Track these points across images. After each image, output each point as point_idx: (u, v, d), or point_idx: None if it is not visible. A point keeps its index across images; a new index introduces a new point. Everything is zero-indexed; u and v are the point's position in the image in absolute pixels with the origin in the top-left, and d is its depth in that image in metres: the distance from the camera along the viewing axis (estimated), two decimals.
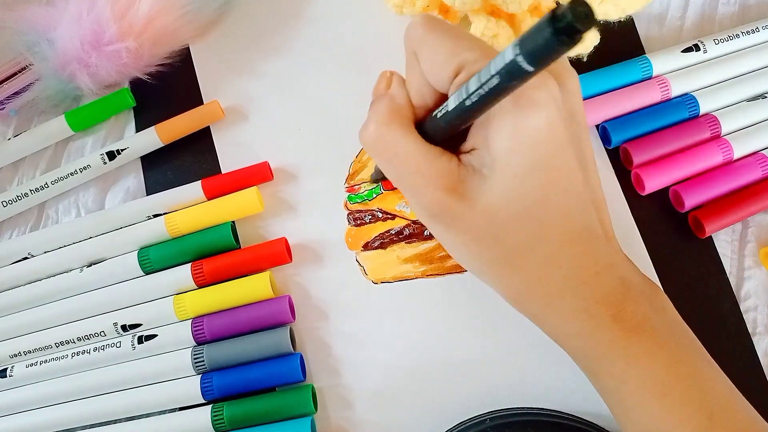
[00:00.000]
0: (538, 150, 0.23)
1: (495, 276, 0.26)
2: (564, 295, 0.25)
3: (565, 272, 0.25)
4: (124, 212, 0.36)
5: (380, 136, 0.25)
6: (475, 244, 0.25)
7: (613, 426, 0.31)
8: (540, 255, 0.25)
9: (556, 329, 0.26)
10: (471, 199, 0.24)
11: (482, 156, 0.24)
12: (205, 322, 0.33)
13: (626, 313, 0.24)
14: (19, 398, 0.34)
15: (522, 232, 0.24)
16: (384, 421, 0.33)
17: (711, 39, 0.36)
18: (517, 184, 0.23)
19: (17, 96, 0.38)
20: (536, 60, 0.18)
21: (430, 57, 0.24)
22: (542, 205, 0.24)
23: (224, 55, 0.39)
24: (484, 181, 0.24)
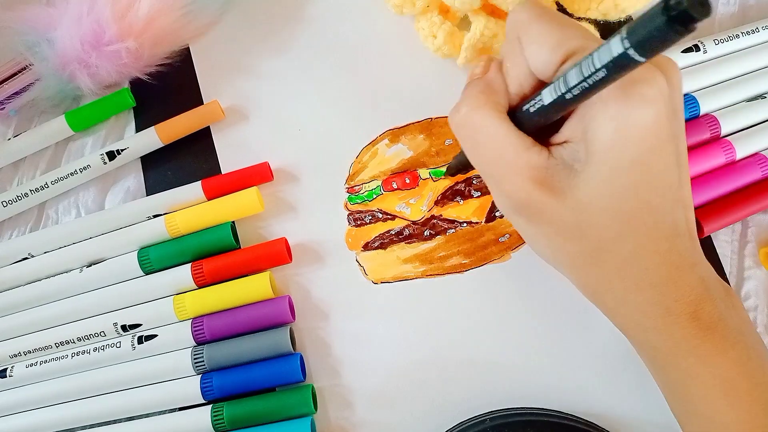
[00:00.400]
0: (641, 147, 0.22)
1: (575, 269, 0.26)
2: (644, 291, 0.25)
3: (648, 268, 0.24)
4: (124, 212, 0.36)
5: (471, 120, 0.25)
6: (559, 238, 0.25)
7: (613, 426, 0.31)
8: (625, 250, 0.24)
9: (631, 323, 0.26)
10: (560, 193, 0.24)
11: (576, 150, 0.24)
12: (205, 322, 0.33)
13: (704, 312, 0.24)
14: (19, 398, 0.34)
15: (610, 228, 0.24)
16: (384, 421, 0.33)
17: (711, 39, 0.36)
18: (613, 180, 0.23)
19: (17, 96, 0.38)
20: (647, 50, 0.18)
21: (537, 43, 0.24)
22: (634, 202, 0.23)
23: (224, 55, 0.39)
24: (576, 175, 0.23)
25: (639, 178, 0.23)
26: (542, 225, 0.25)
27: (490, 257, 0.35)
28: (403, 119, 0.37)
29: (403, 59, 0.38)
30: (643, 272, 0.24)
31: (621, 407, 0.32)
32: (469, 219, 0.35)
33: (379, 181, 0.36)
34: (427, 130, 0.37)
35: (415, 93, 0.38)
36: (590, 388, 0.32)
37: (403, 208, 0.36)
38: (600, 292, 0.26)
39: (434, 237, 0.35)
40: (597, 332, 0.33)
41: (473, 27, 0.35)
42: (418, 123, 0.37)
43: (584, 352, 0.33)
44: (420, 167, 0.36)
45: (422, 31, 0.37)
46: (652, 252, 0.24)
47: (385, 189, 0.36)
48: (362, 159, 0.37)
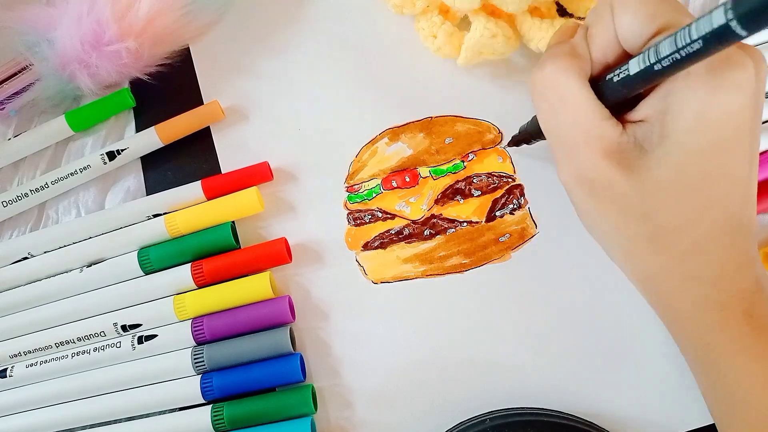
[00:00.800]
0: (722, 133, 0.22)
1: (631, 253, 0.25)
2: (702, 284, 0.24)
3: (710, 261, 0.24)
4: (124, 212, 0.36)
5: (554, 80, 0.24)
6: (620, 217, 0.24)
7: (613, 426, 0.31)
8: (688, 239, 0.24)
9: (682, 316, 0.25)
10: (629, 171, 0.23)
11: (651, 130, 0.23)
12: (205, 322, 0.33)
13: (758, 311, 0.24)
14: (19, 398, 0.34)
15: (676, 213, 0.23)
16: (384, 421, 0.33)
17: None
18: (688, 164, 0.22)
19: (17, 96, 0.38)
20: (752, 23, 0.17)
21: (632, 12, 0.23)
22: (705, 190, 0.23)
23: (224, 55, 0.39)
24: (649, 154, 0.23)
25: (712, 166, 0.23)
26: (604, 201, 0.24)
27: (490, 257, 0.35)
28: (403, 118, 0.37)
29: (403, 59, 0.38)
30: (705, 264, 0.24)
31: (621, 407, 0.32)
32: (470, 218, 0.35)
33: (378, 179, 0.36)
34: (427, 129, 0.37)
35: (415, 92, 0.38)
36: (590, 388, 0.32)
37: (403, 207, 0.36)
38: (655, 280, 0.25)
39: (434, 237, 0.35)
40: (597, 332, 0.33)
41: (473, 27, 0.35)
42: (417, 122, 0.37)
43: (584, 352, 0.33)
44: (420, 165, 0.36)
45: (422, 31, 0.37)
46: (716, 244, 0.24)
47: (384, 187, 0.36)
48: (362, 158, 0.37)
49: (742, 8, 0.17)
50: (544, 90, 0.25)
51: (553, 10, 0.36)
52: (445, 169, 0.36)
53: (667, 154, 0.23)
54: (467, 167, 0.36)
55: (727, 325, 0.24)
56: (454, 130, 0.37)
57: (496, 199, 0.35)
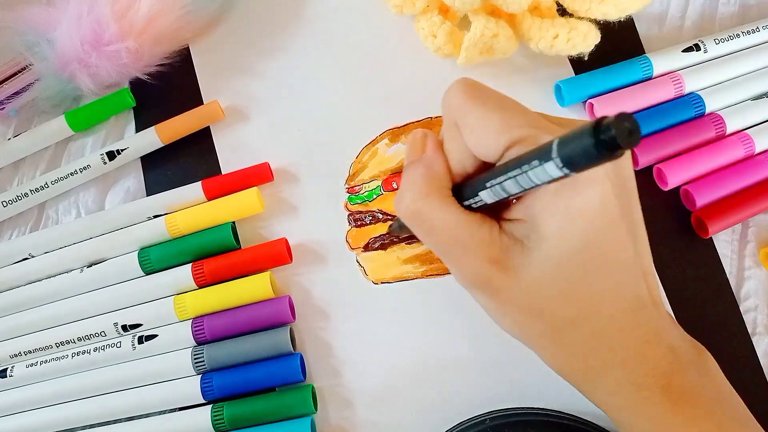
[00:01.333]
0: (591, 228, 0.22)
1: (540, 347, 0.26)
2: (611, 369, 0.24)
3: (612, 345, 0.24)
4: (124, 212, 0.36)
5: (417, 209, 0.24)
6: (521, 316, 0.25)
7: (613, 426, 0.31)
8: (586, 330, 0.24)
9: (603, 402, 0.25)
10: (514, 272, 0.23)
11: (527, 229, 0.23)
12: (205, 322, 0.33)
13: (675, 383, 0.24)
14: (19, 398, 0.34)
15: (568, 308, 0.24)
16: (384, 421, 0.33)
17: (711, 39, 0.36)
18: (566, 262, 0.23)
19: (17, 96, 0.38)
20: (575, 167, 0.18)
21: (477, 129, 0.23)
22: (591, 281, 0.23)
23: (224, 55, 0.39)
24: (528, 254, 0.23)
25: (591, 259, 0.23)
26: (502, 304, 0.25)
27: None
28: (403, 119, 0.37)
29: (403, 59, 0.38)
30: (609, 351, 0.24)
31: None
32: None
33: (379, 180, 0.36)
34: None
35: (415, 93, 0.37)
36: None
37: None
38: (568, 373, 0.26)
39: None
40: None
41: (473, 27, 0.34)
42: (417, 122, 0.37)
43: None
44: None
45: (422, 31, 0.37)
46: (615, 329, 0.24)
47: (385, 189, 0.36)
48: (362, 159, 0.37)
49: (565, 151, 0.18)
50: (411, 221, 0.25)
51: (554, 10, 0.36)
52: None
53: (546, 255, 0.23)
54: None
55: (646, 405, 0.24)
56: None
57: None
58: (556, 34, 0.34)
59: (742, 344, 0.33)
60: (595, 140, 0.17)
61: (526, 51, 0.37)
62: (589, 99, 0.36)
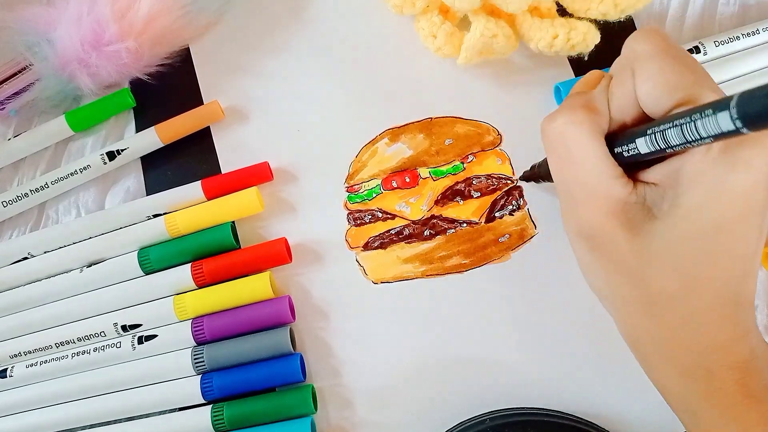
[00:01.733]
0: (731, 212, 0.22)
1: (625, 314, 0.25)
2: (692, 354, 0.24)
3: (702, 332, 0.23)
4: (124, 212, 0.36)
5: (566, 132, 0.24)
6: (618, 277, 0.24)
7: (613, 426, 0.31)
8: (684, 309, 0.23)
9: (672, 383, 0.25)
10: (633, 232, 0.23)
11: (662, 195, 0.23)
12: (205, 323, 0.33)
13: (751, 381, 0.23)
14: (19, 398, 0.34)
15: (674, 283, 0.23)
16: (384, 421, 0.33)
17: (711, 41, 0.36)
18: (692, 240, 0.22)
19: (17, 96, 0.38)
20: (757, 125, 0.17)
21: (653, 82, 0.23)
22: (707, 264, 0.23)
23: (224, 55, 0.39)
24: (656, 220, 0.23)
25: (718, 244, 0.22)
26: (603, 259, 0.24)
27: (490, 257, 0.35)
28: (403, 118, 0.37)
29: (403, 59, 0.38)
30: (698, 335, 0.24)
31: (621, 407, 0.32)
32: (469, 219, 0.35)
33: (378, 179, 0.36)
34: (427, 130, 0.37)
35: (415, 92, 0.38)
36: (590, 388, 0.32)
37: (403, 208, 0.36)
38: (645, 344, 0.25)
39: (434, 237, 0.35)
40: (597, 332, 0.33)
41: (473, 27, 0.34)
42: (417, 122, 0.37)
43: (584, 352, 0.33)
44: (420, 166, 0.36)
45: (422, 31, 0.37)
46: (711, 317, 0.23)
47: (384, 188, 0.36)
48: (362, 158, 0.37)
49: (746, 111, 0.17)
50: (556, 142, 0.24)
51: (553, 10, 0.36)
52: (445, 170, 0.36)
53: (674, 226, 0.22)
54: (467, 169, 0.36)
55: (719, 395, 0.24)
56: (453, 131, 0.37)
57: (495, 200, 0.35)
58: (555, 34, 0.34)
59: None
60: None
61: (526, 51, 0.37)
62: None
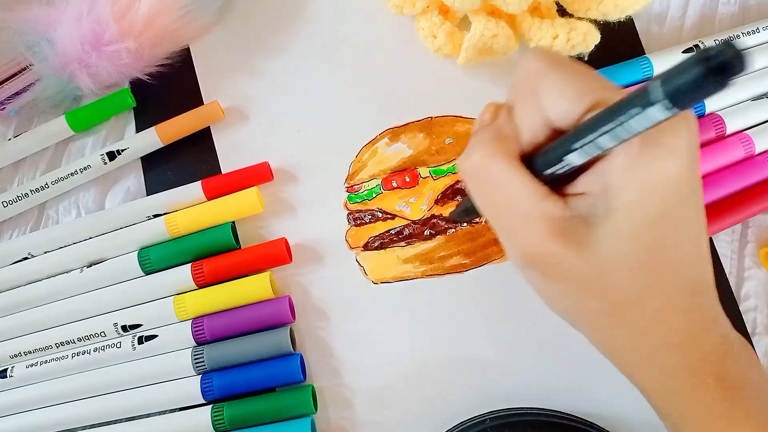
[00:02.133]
0: (666, 201, 0.22)
1: (596, 328, 0.25)
2: (670, 350, 0.24)
3: (674, 327, 0.23)
4: (124, 212, 0.36)
5: (484, 167, 0.24)
6: (578, 294, 0.24)
7: (613, 426, 0.31)
8: (649, 309, 0.23)
9: (656, 385, 0.25)
10: (579, 246, 0.23)
11: (594, 203, 0.23)
12: (205, 323, 0.33)
13: (728, 372, 0.23)
14: (19, 398, 0.34)
15: (633, 285, 0.23)
16: (384, 421, 0.33)
17: (711, 40, 0.36)
18: (636, 236, 0.22)
19: (17, 96, 0.38)
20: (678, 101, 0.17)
21: (558, 93, 0.23)
22: (658, 258, 0.23)
23: (224, 55, 0.39)
24: (596, 229, 0.22)
25: (662, 234, 0.22)
26: (560, 280, 0.24)
27: (490, 257, 0.35)
28: (403, 118, 0.37)
29: (403, 59, 0.38)
30: (670, 331, 0.23)
31: (621, 407, 0.32)
32: None
33: (378, 179, 0.36)
34: (427, 129, 0.37)
35: (415, 92, 0.38)
36: (590, 388, 0.32)
37: (403, 207, 0.36)
38: (623, 353, 0.25)
39: (434, 237, 0.35)
40: None
41: (473, 27, 0.34)
42: (417, 122, 0.37)
43: (584, 352, 0.33)
44: (420, 166, 0.36)
45: (422, 31, 0.37)
46: (678, 310, 0.23)
47: (384, 188, 0.36)
48: (362, 158, 0.37)
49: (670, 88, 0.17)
50: (477, 179, 0.24)
51: (553, 10, 0.36)
52: (445, 169, 0.36)
53: (616, 228, 0.22)
54: None
55: (701, 391, 0.23)
56: (454, 130, 0.37)
57: None
58: (555, 34, 0.34)
59: None
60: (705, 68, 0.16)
61: (526, 51, 0.36)
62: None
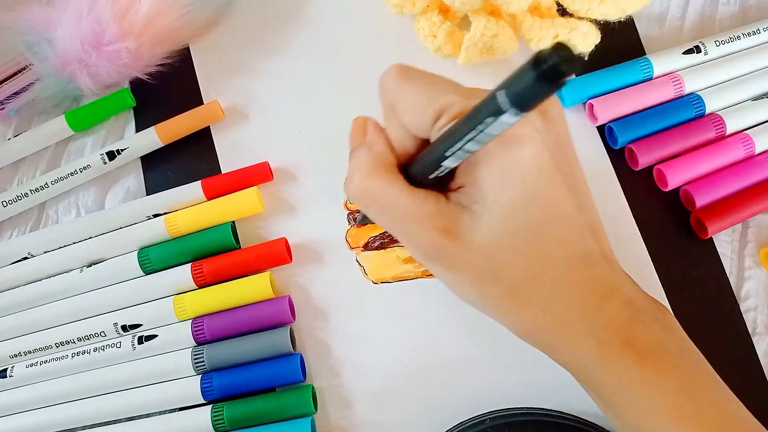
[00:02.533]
0: (527, 184, 0.23)
1: (501, 312, 0.26)
2: (573, 323, 0.25)
3: (571, 299, 0.24)
4: (124, 212, 0.36)
5: (366, 188, 0.25)
6: (477, 282, 0.25)
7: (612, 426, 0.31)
8: (543, 286, 0.24)
9: (570, 359, 0.26)
10: (465, 238, 0.24)
11: (471, 193, 0.24)
12: (205, 323, 0.33)
13: (636, 336, 0.24)
14: (19, 398, 0.34)
15: (521, 265, 0.24)
16: (384, 421, 0.33)
17: (712, 41, 0.36)
18: (510, 218, 0.23)
19: (17, 96, 0.38)
20: (524, 105, 0.18)
21: (409, 106, 0.25)
22: (538, 236, 0.24)
23: (224, 55, 0.39)
24: (476, 218, 0.24)
25: (534, 214, 0.24)
26: (458, 272, 0.25)
27: None
28: None
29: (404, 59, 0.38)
30: (568, 304, 0.24)
31: None
32: None
33: None
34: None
35: None
36: None
37: None
38: (533, 333, 0.26)
39: None
40: None
41: (473, 27, 0.35)
42: None
43: None
44: None
45: (422, 31, 0.37)
46: (571, 282, 0.24)
47: None
48: None
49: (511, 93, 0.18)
50: (362, 200, 0.26)
51: (554, 10, 0.36)
52: None
53: (492, 215, 0.24)
54: None
55: (611, 359, 0.24)
56: None
57: None
58: (556, 34, 0.34)
59: (742, 344, 0.33)
60: (537, 73, 0.17)
61: (527, 51, 0.37)
62: (590, 100, 0.36)
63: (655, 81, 0.36)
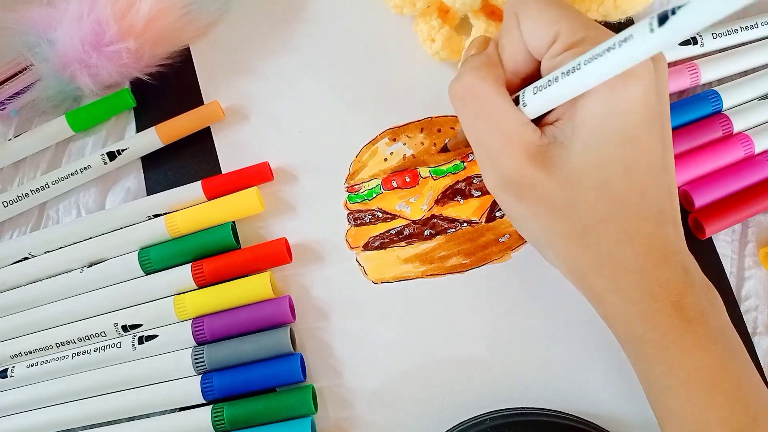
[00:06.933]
0: (628, 120, 0.23)
1: (564, 249, 0.26)
2: (632, 275, 0.25)
3: (637, 251, 0.24)
4: (124, 212, 0.36)
5: (474, 89, 0.25)
6: (549, 215, 0.25)
7: (612, 426, 0.31)
8: (614, 230, 0.24)
9: (616, 309, 0.26)
10: (552, 168, 0.24)
11: (565, 127, 0.24)
12: (205, 323, 0.33)
13: (687, 302, 0.24)
14: (19, 399, 0.34)
15: (600, 204, 0.24)
16: (384, 421, 0.33)
17: (709, 33, 0.36)
18: (601, 153, 0.23)
19: (18, 96, 0.38)
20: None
21: (532, 20, 0.24)
22: (623, 178, 0.24)
23: (224, 55, 0.39)
24: (565, 149, 0.24)
25: (625, 153, 0.23)
26: (531, 202, 0.25)
27: (490, 257, 0.35)
28: (403, 118, 0.37)
29: (403, 58, 0.38)
30: (633, 255, 0.25)
31: (621, 407, 0.32)
32: (470, 218, 0.35)
33: (379, 179, 0.36)
34: (427, 129, 0.37)
35: (415, 92, 0.38)
36: (590, 388, 0.32)
37: (404, 207, 0.36)
38: (588, 276, 0.26)
39: (434, 237, 0.35)
40: (597, 332, 0.33)
41: (474, 30, 0.35)
42: (417, 122, 0.37)
43: (584, 352, 0.33)
44: (420, 165, 0.36)
45: (421, 34, 0.37)
46: (641, 234, 0.24)
47: (385, 188, 0.36)
48: (362, 158, 0.37)
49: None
50: (465, 99, 0.26)
51: None
52: (446, 169, 0.36)
53: (582, 145, 0.24)
54: (467, 167, 0.36)
55: (658, 317, 0.24)
56: (454, 130, 0.37)
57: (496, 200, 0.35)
58: None
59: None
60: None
61: None
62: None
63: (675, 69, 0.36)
